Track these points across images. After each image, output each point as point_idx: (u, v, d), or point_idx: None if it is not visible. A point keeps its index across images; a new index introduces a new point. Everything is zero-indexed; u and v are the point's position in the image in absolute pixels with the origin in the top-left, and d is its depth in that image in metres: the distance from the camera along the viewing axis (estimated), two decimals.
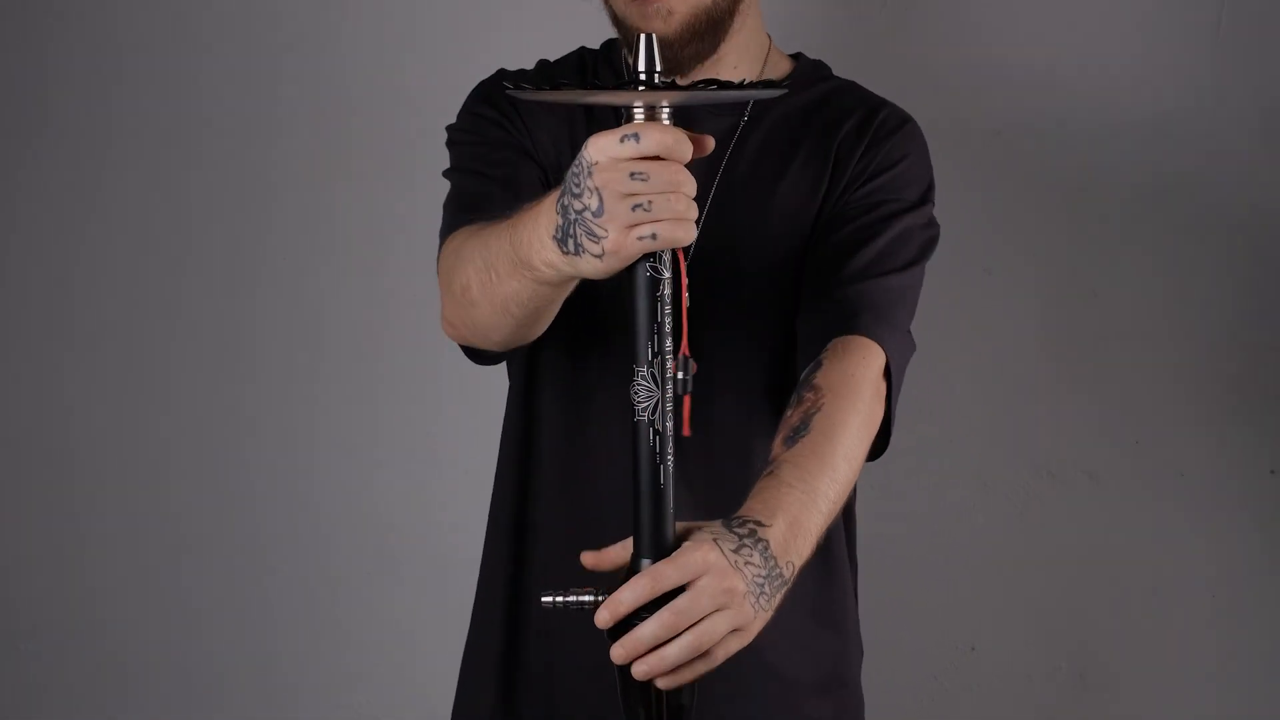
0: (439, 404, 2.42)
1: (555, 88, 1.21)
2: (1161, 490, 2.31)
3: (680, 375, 1.21)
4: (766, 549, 1.24)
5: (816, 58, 1.73)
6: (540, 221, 1.23)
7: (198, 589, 2.52)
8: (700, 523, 1.27)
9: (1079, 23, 2.25)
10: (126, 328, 2.50)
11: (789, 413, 1.41)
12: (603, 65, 1.69)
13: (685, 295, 1.21)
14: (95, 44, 2.46)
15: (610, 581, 1.23)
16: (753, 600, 1.22)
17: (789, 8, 1.82)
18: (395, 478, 2.45)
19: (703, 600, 1.20)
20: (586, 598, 1.23)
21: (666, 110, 1.17)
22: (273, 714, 2.52)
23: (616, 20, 1.59)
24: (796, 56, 1.71)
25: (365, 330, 2.46)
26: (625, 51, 1.66)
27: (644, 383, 1.21)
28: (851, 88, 1.69)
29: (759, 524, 1.26)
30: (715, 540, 1.22)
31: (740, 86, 1.18)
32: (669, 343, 1.21)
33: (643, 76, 1.16)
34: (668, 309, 1.20)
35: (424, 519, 2.44)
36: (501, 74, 1.69)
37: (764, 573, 1.23)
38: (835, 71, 1.72)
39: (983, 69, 2.26)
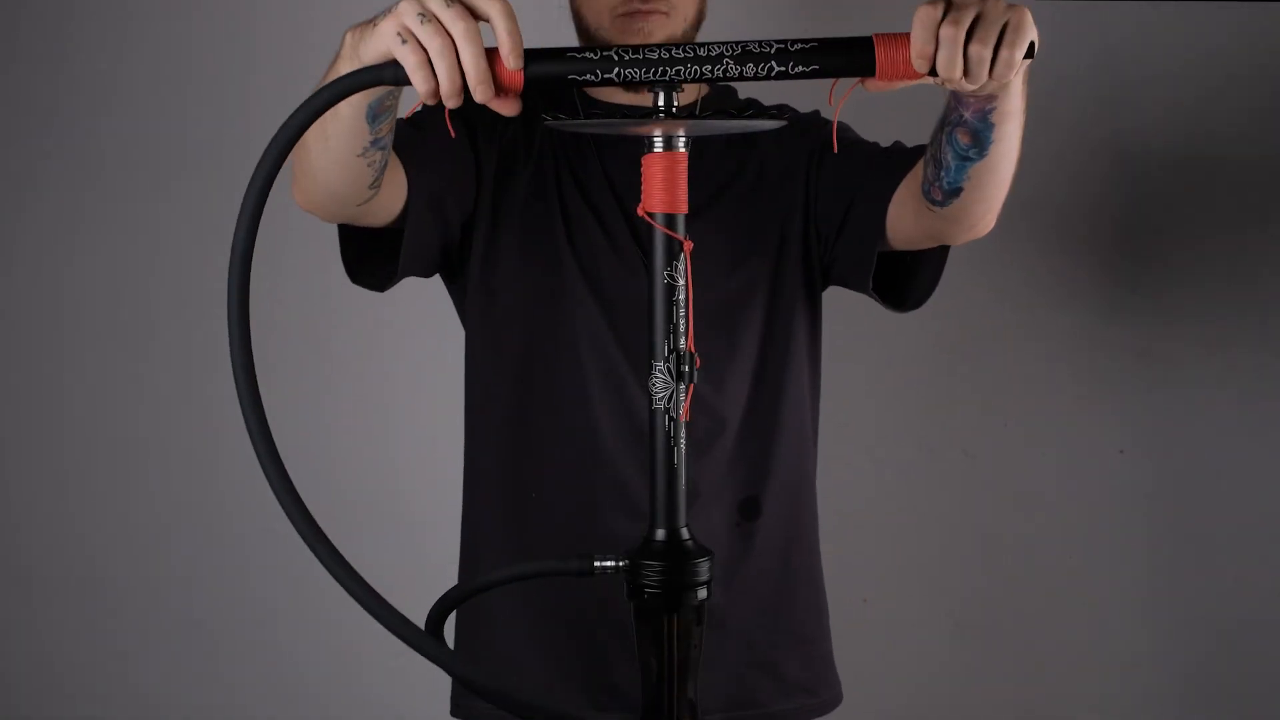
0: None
1: (587, 117, 1.34)
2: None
3: (687, 369, 1.32)
4: None
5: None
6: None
7: (202, 586, 2.58)
8: None
9: None
10: (121, 326, 2.55)
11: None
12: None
13: (690, 297, 1.31)
14: (100, 61, 2.49)
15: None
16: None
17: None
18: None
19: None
20: (609, 563, 1.34)
21: (683, 140, 1.30)
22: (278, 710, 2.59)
23: (589, 39, 1.67)
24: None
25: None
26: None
27: (661, 376, 1.31)
28: (757, 104, 1.83)
29: None
30: None
31: (747, 117, 1.33)
32: (682, 341, 1.31)
33: (662, 106, 1.28)
34: (681, 311, 1.31)
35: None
36: None
37: None
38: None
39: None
